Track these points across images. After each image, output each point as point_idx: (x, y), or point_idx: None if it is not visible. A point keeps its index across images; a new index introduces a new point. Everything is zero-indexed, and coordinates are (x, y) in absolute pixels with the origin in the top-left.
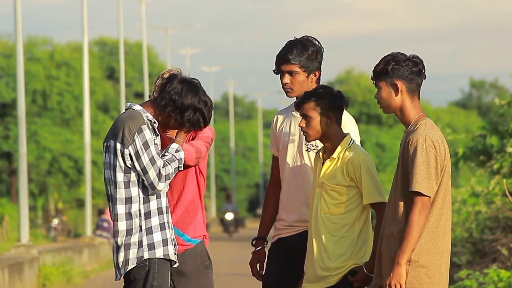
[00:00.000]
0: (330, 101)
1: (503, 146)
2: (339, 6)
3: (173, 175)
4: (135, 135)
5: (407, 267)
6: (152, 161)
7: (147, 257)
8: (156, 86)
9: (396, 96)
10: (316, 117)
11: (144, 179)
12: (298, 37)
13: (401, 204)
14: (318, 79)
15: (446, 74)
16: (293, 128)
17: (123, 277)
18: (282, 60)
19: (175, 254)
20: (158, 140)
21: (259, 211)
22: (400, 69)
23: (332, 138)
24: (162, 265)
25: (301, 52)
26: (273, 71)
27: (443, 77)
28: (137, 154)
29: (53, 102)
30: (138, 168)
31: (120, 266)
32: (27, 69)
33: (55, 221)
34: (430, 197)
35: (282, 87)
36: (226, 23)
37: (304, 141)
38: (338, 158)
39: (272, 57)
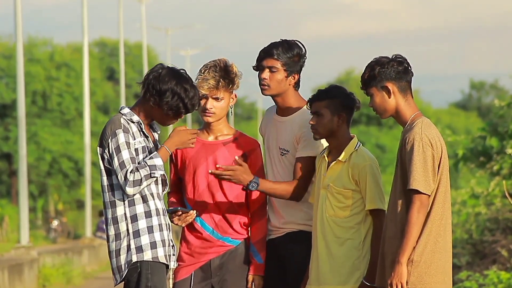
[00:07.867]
0: (343, 101)
1: (503, 147)
2: (340, 6)
3: (147, 182)
4: (109, 139)
5: (410, 267)
6: (122, 165)
7: (136, 260)
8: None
9: (389, 98)
10: (327, 115)
11: None
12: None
13: (401, 203)
14: (297, 84)
15: (446, 75)
16: (273, 133)
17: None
18: (266, 54)
19: (169, 255)
20: (145, 142)
21: None
22: (386, 71)
23: (339, 139)
24: (156, 266)
25: (285, 50)
26: (253, 67)
27: (443, 77)
28: (111, 156)
29: (53, 103)
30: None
31: (114, 272)
32: (27, 70)
33: (55, 223)
34: (428, 195)
35: (259, 83)
36: (226, 23)
37: (279, 145)
38: (345, 161)
39: None
